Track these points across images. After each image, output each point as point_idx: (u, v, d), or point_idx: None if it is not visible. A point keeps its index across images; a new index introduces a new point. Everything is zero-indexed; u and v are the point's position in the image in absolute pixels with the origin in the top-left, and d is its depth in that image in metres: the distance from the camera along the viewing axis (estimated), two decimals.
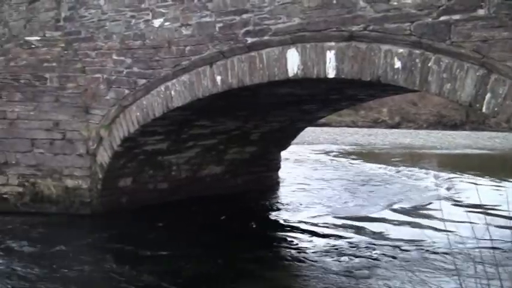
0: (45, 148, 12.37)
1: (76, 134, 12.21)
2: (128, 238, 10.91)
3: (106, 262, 9.51)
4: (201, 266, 9.36)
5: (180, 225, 11.80)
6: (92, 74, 12.10)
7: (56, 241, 10.48)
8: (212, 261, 9.55)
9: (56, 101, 12.36)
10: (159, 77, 10.57)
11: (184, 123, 11.60)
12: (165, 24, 10.52)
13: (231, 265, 9.40)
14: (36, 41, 12.93)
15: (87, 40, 12.24)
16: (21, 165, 12.52)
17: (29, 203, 12.48)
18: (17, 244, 10.37)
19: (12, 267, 9.14)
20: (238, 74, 9.26)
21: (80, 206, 12.30)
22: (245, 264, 9.46)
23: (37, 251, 10.05)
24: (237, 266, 9.39)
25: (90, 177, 12.23)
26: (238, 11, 9.25)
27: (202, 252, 9.98)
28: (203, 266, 9.33)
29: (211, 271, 9.14)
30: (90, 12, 12.15)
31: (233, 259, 9.66)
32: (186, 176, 13.54)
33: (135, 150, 12.02)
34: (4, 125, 12.57)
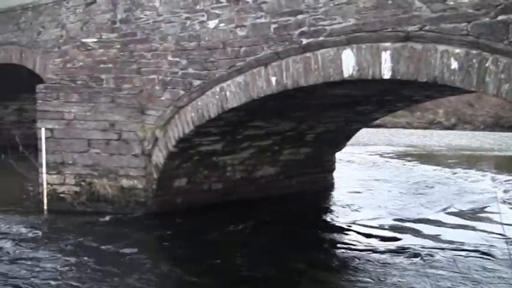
0: (101, 148, 12.76)
1: (132, 135, 12.56)
2: (182, 238, 11.22)
3: (160, 262, 9.81)
4: (256, 267, 9.56)
5: (235, 226, 11.98)
6: (147, 75, 12.45)
7: (112, 240, 10.83)
8: (267, 262, 9.72)
9: (112, 101, 12.74)
10: (214, 78, 10.79)
11: (239, 124, 11.78)
12: (220, 25, 10.73)
13: (286, 267, 9.54)
14: (92, 42, 13.35)
15: (142, 41, 12.59)
16: (78, 165, 12.93)
17: (86, 202, 12.87)
18: (74, 243, 10.75)
19: (67, 265, 9.51)
20: (293, 75, 9.38)
21: (135, 206, 12.64)
22: (300, 266, 9.60)
23: (93, 250, 10.40)
24: (292, 267, 9.53)
25: (145, 178, 12.57)
26: (293, 11, 9.35)
27: (256, 254, 10.17)
28: (257, 268, 9.52)
29: (266, 273, 9.31)
30: (146, 14, 12.49)
31: (288, 261, 9.80)
32: (240, 176, 13.72)
33: (190, 151, 12.26)
34: (61, 125, 12.99)
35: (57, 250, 10.32)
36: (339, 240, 11.55)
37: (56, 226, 11.94)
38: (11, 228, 11.67)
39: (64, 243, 10.73)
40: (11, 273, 9.12)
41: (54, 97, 13.07)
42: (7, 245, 10.54)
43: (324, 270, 9.62)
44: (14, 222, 12.08)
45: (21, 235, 11.24)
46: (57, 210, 12.81)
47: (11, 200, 13.82)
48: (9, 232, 11.41)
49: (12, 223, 11.99)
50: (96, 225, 11.99)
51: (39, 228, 11.72)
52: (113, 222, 12.14)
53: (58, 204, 12.99)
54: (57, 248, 10.46)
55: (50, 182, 13.05)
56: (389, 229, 12.13)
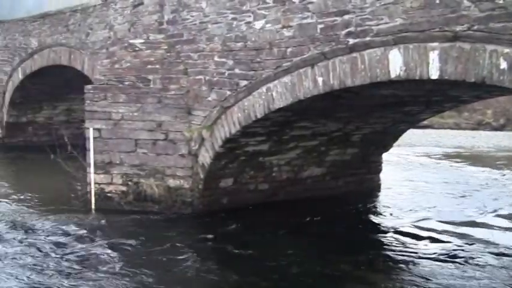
0: (148, 148, 12.98)
1: (178, 135, 12.75)
2: (228, 238, 11.30)
3: (206, 262, 9.89)
4: (301, 268, 9.63)
5: (281, 226, 12.05)
6: (194, 76, 12.64)
7: (158, 240, 11.01)
8: (313, 263, 9.81)
9: (159, 102, 12.95)
10: (261, 78, 10.91)
11: (285, 124, 11.87)
12: (267, 26, 10.84)
13: (332, 268, 9.60)
14: (140, 43, 13.60)
15: (189, 42, 12.79)
16: (125, 165, 13.17)
17: (133, 201, 13.09)
18: (121, 242, 10.94)
19: (115, 265, 9.72)
20: (339, 75, 9.44)
21: (182, 206, 12.83)
22: (347, 268, 9.66)
23: (139, 249, 10.59)
24: (338, 268, 9.59)
25: (191, 178, 12.75)
26: (340, 12, 9.40)
27: (302, 255, 10.22)
28: (303, 268, 9.60)
29: (312, 273, 9.40)
30: (192, 14, 12.68)
31: (334, 262, 9.85)
32: (286, 177, 13.80)
33: (237, 151, 12.39)
34: (109, 125, 13.24)
35: (103, 248, 10.56)
36: (385, 241, 11.56)
37: (103, 225, 12.15)
38: (59, 226, 11.94)
39: (110, 242, 10.95)
40: (57, 269, 9.41)
41: (102, 97, 13.34)
42: (56, 243, 10.83)
43: (371, 272, 9.62)
44: (62, 220, 12.35)
45: (69, 233, 11.50)
46: (104, 209, 13.05)
47: (59, 199, 14.15)
48: (58, 230, 11.68)
49: (61, 222, 12.27)
50: (142, 224, 12.19)
51: (86, 227, 11.95)
52: (159, 222, 12.34)
53: (105, 203, 13.24)
54: (103, 246, 10.69)
55: (97, 181, 13.32)
56: (437, 231, 12.07)
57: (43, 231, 11.61)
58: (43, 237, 11.18)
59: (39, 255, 10.10)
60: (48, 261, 9.78)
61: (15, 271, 9.31)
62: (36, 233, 11.49)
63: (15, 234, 11.35)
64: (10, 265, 9.59)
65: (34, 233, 11.50)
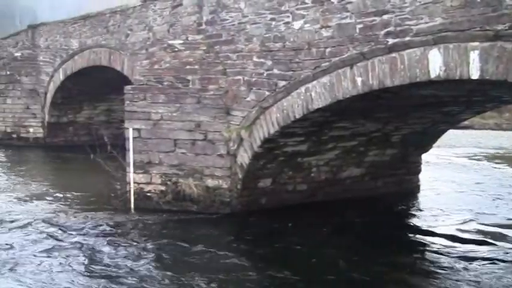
0: (187, 148, 13.11)
1: (217, 135, 12.87)
2: (267, 239, 11.41)
3: (244, 262, 9.98)
4: (341, 270, 9.65)
5: (319, 228, 12.07)
6: (232, 76, 12.74)
7: (197, 240, 11.14)
8: (351, 264, 9.81)
9: (197, 102, 13.07)
10: (299, 78, 10.95)
11: (324, 124, 11.88)
12: (305, 26, 10.87)
13: (371, 269, 9.60)
14: (179, 44, 13.73)
15: (228, 43, 12.90)
16: (164, 165, 13.32)
17: (171, 201, 13.22)
18: (159, 241, 11.10)
19: (151, 263, 9.87)
20: (378, 76, 9.43)
21: (220, 206, 12.93)
22: (385, 269, 9.65)
23: (178, 249, 10.72)
24: (376, 270, 9.58)
25: (230, 178, 12.85)
26: (379, 11, 9.39)
27: (340, 257, 10.21)
28: (342, 270, 9.62)
29: (350, 274, 9.42)
30: (231, 15, 12.79)
31: (372, 263, 9.85)
32: (325, 177, 13.80)
33: (275, 152, 12.44)
34: (148, 125, 13.40)
35: (143, 248, 10.71)
36: (424, 243, 11.48)
37: (142, 224, 12.31)
38: (99, 225, 12.17)
39: (150, 241, 11.11)
40: (98, 268, 9.57)
41: (142, 98, 13.51)
42: (96, 242, 11.03)
43: (410, 273, 9.59)
44: (102, 219, 12.58)
45: (109, 232, 11.73)
46: (143, 208, 13.23)
47: (99, 198, 14.38)
48: (98, 229, 11.91)
49: (101, 220, 12.50)
50: (181, 224, 12.32)
51: (126, 226, 12.18)
52: (198, 222, 12.44)
53: (144, 202, 13.41)
54: (143, 245, 10.85)
55: (136, 181, 13.50)
56: (477, 233, 11.98)
57: (83, 230, 11.83)
58: (83, 236, 11.39)
59: (80, 254, 10.29)
60: (88, 261, 9.97)
61: (56, 270, 9.52)
62: (76, 231, 11.70)
63: (57, 233, 11.57)
64: (51, 264, 9.79)
65: (75, 231, 11.71)
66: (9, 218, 12.66)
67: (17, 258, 9.97)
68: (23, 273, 9.30)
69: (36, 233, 11.57)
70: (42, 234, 11.46)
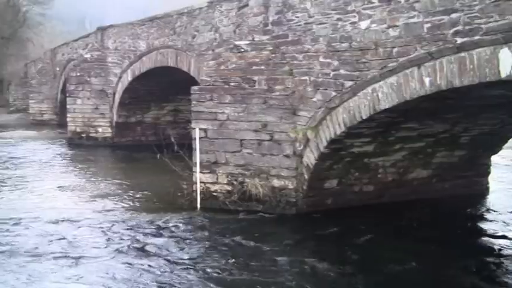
0: (253, 148, 13.25)
1: (283, 135, 12.96)
2: (332, 239, 11.45)
3: (309, 263, 10.03)
4: (405, 271, 9.64)
5: (386, 229, 12.03)
6: (299, 77, 12.81)
7: (263, 240, 11.26)
8: (417, 267, 9.79)
9: (264, 102, 13.19)
10: (366, 79, 10.93)
11: (391, 125, 11.83)
12: (372, 26, 10.84)
13: (438, 273, 9.54)
14: (245, 45, 13.87)
15: (294, 43, 12.97)
16: (230, 165, 13.49)
17: (237, 201, 13.36)
18: (225, 241, 11.28)
19: (218, 263, 9.98)
20: (447, 76, 9.33)
21: (286, 206, 13.02)
22: (452, 272, 9.59)
23: (244, 248, 10.87)
24: (443, 273, 9.52)
25: (296, 178, 12.93)
26: (447, 10, 9.28)
27: (407, 259, 10.16)
28: (406, 272, 9.60)
29: (415, 277, 9.41)
30: (297, 15, 12.86)
31: (440, 266, 9.79)
32: (392, 179, 13.73)
33: (341, 152, 12.45)
34: (215, 126, 13.60)
35: (209, 247, 10.90)
36: (494, 247, 11.29)
37: (208, 224, 12.52)
38: (166, 224, 12.44)
39: (216, 240, 11.30)
40: (164, 267, 9.77)
41: (208, 98, 13.70)
42: (163, 241, 11.30)
43: (479, 278, 9.49)
44: (169, 218, 12.85)
45: (176, 231, 11.98)
46: (209, 208, 13.44)
47: (166, 197, 14.66)
48: (165, 228, 12.17)
49: (168, 219, 12.76)
50: (247, 224, 12.46)
51: (192, 225, 12.43)
52: (263, 222, 12.58)
53: (211, 202, 13.61)
54: (209, 245, 11.04)
55: (203, 180, 13.71)
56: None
57: (151, 229, 12.13)
58: (151, 235, 11.67)
59: (147, 253, 10.57)
60: (154, 259, 10.21)
61: (123, 268, 9.79)
62: (144, 230, 12.00)
63: (124, 232, 11.90)
64: (118, 262, 10.08)
65: (143, 230, 12.02)
66: (79, 217, 13.04)
67: (85, 257, 10.30)
68: (92, 271, 9.62)
69: (104, 231, 11.93)
70: (110, 233, 11.82)
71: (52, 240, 11.22)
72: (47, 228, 12.11)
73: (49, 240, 11.26)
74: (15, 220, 12.69)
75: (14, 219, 12.73)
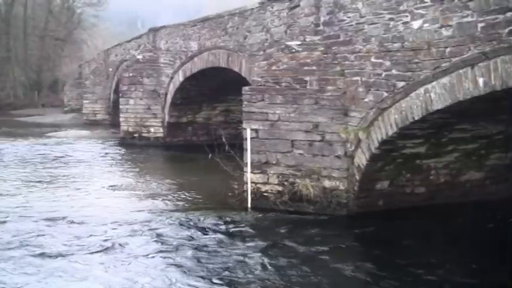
0: (305, 149, 13.26)
1: (335, 136, 12.95)
2: (384, 242, 11.37)
3: (360, 265, 10.03)
4: (457, 276, 9.54)
5: (439, 232, 11.90)
6: (350, 77, 12.78)
7: (313, 241, 11.30)
8: (470, 272, 9.68)
9: (315, 103, 13.19)
10: (418, 79, 10.85)
11: (443, 126, 11.70)
12: (424, 25, 10.75)
13: (490, 279, 9.40)
14: (296, 45, 13.88)
15: (345, 43, 12.95)
16: (281, 165, 13.53)
17: (288, 201, 13.38)
18: (276, 241, 11.34)
19: (267, 263, 10.04)
20: (501, 76, 9.17)
21: (337, 207, 13.00)
22: (504, 279, 9.41)
23: (294, 249, 10.87)
24: (496, 280, 9.38)
25: (347, 179, 12.90)
26: (502, 9, 9.13)
27: (458, 262, 10.10)
28: (458, 277, 9.51)
29: (467, 283, 9.33)
30: (349, 16, 12.84)
31: (493, 273, 9.63)
32: (444, 180, 13.56)
33: (393, 153, 12.38)
34: (266, 126, 13.66)
35: (259, 247, 10.97)
36: None
37: (259, 224, 12.61)
38: (218, 224, 12.56)
39: (266, 241, 11.36)
40: (215, 267, 9.88)
41: (259, 99, 13.77)
42: (214, 240, 11.41)
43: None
44: (220, 218, 12.96)
45: (227, 231, 12.08)
46: (260, 208, 13.51)
47: (217, 197, 14.78)
48: (217, 228, 12.28)
49: (219, 219, 12.88)
50: (297, 224, 12.47)
51: (243, 225, 12.51)
52: (314, 223, 12.57)
53: (261, 202, 13.67)
54: (260, 245, 11.11)
55: (254, 180, 13.78)
56: None
57: (202, 228, 12.27)
58: (202, 234, 11.81)
59: (198, 252, 10.67)
60: (205, 258, 10.33)
61: (173, 267, 9.93)
62: (196, 230, 12.14)
63: (175, 231, 12.06)
64: (169, 261, 10.21)
65: (194, 230, 12.16)
66: (130, 216, 13.25)
67: (136, 256, 10.47)
68: (144, 270, 9.77)
69: (155, 231, 12.07)
70: (160, 232, 11.95)
71: (103, 240, 11.41)
72: (99, 227, 12.32)
73: (101, 239, 11.45)
74: (68, 219, 12.93)
75: (67, 218, 12.98)
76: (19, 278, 9.36)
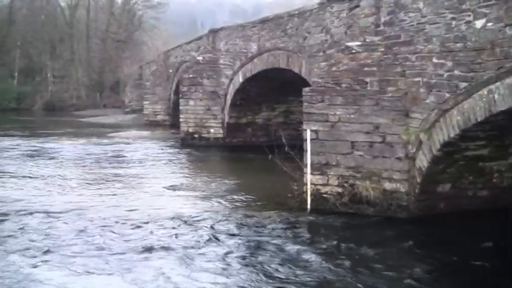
0: (365, 151, 13.20)
1: (395, 138, 12.85)
2: (446, 245, 11.19)
3: (421, 269, 9.89)
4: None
5: (502, 235, 11.67)
6: (411, 78, 12.67)
7: (373, 243, 11.21)
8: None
9: (375, 104, 13.12)
10: (482, 80, 10.67)
11: (507, 128, 11.48)
12: (488, 25, 10.56)
13: None
14: (356, 46, 13.83)
15: (406, 44, 12.83)
16: (341, 167, 13.50)
17: (347, 203, 13.36)
18: (335, 244, 11.28)
19: (325, 266, 10.00)
20: None
21: (397, 209, 12.90)
22: None
23: (353, 251, 10.83)
24: None
25: (408, 181, 12.79)
26: None
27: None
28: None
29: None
30: (409, 15, 12.72)
31: None
32: (508, 184, 13.30)
33: (455, 156, 12.20)
34: (326, 127, 13.64)
35: (320, 249, 10.95)
36: None
37: (318, 226, 12.60)
38: (276, 225, 12.59)
39: (326, 243, 11.34)
40: (275, 268, 9.90)
41: (319, 100, 13.76)
42: (274, 242, 11.41)
43: None
44: (279, 219, 13.00)
45: (287, 232, 12.08)
46: (319, 209, 13.50)
47: (276, 198, 14.84)
48: (276, 229, 12.31)
49: (279, 220, 12.92)
50: (357, 227, 12.45)
51: (302, 227, 12.52)
52: (374, 225, 12.52)
53: (320, 204, 13.66)
54: (320, 247, 11.10)
55: (313, 182, 13.77)
56: None
57: (262, 229, 12.31)
58: (262, 236, 11.84)
59: (262, 253, 10.74)
60: (266, 260, 10.36)
61: (235, 267, 10.01)
62: (256, 230, 12.21)
63: (235, 231, 12.17)
64: (230, 262, 10.29)
65: (254, 230, 12.24)
66: (190, 216, 13.36)
67: (196, 255, 10.60)
68: (204, 270, 9.89)
69: (214, 230, 12.20)
70: (219, 232, 12.07)
71: (162, 239, 11.55)
72: (158, 227, 12.49)
73: (158, 239, 11.60)
74: (128, 218, 13.15)
75: (126, 218, 13.21)
76: (84, 279, 9.60)
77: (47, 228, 12.33)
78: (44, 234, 11.90)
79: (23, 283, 9.28)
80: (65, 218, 13.20)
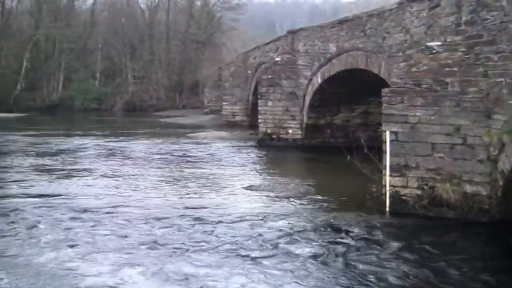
0: (445, 152, 13.03)
1: (477, 139, 12.64)
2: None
3: (503, 276, 9.70)
4: None
5: None
6: (494, 78, 12.42)
7: (454, 248, 11.10)
8: None
9: (456, 105, 12.92)
10: None
11: None
12: None
13: None
14: (436, 46, 13.66)
15: (488, 43, 12.59)
16: (421, 169, 13.36)
17: (427, 206, 13.21)
18: (414, 248, 11.14)
19: (404, 271, 9.90)
20: None
21: (478, 213, 12.67)
22: None
23: (434, 256, 10.68)
24: None
25: (490, 184, 12.54)
26: None
27: None
28: None
29: None
30: (492, 14, 12.48)
31: None
32: None
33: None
34: (405, 128, 13.52)
35: (399, 252, 10.86)
36: None
37: (398, 228, 12.50)
38: (356, 227, 12.54)
39: (406, 246, 11.22)
40: (354, 271, 9.89)
41: (399, 101, 13.66)
42: (353, 244, 11.40)
43: None
44: (356, 221, 12.97)
45: (365, 235, 12.03)
46: (398, 212, 13.39)
47: (355, 199, 14.78)
48: (354, 231, 12.28)
49: (357, 222, 12.87)
50: (437, 230, 12.27)
51: (380, 230, 12.43)
52: (454, 228, 12.31)
53: (399, 206, 13.56)
54: (399, 250, 11.00)
55: (392, 184, 13.68)
56: None
57: (340, 231, 12.31)
58: (340, 238, 11.84)
59: (337, 256, 10.70)
60: (345, 263, 10.34)
61: (316, 270, 10.03)
62: (333, 232, 12.24)
63: (313, 233, 12.17)
64: (312, 264, 10.31)
65: (333, 232, 12.26)
66: (266, 217, 13.47)
67: (272, 256, 10.66)
68: (280, 272, 9.91)
69: (292, 231, 12.23)
70: (298, 233, 12.10)
71: (236, 240, 11.67)
72: (233, 226, 12.66)
73: (238, 238, 11.75)
74: (205, 217, 13.39)
75: (204, 216, 13.43)
76: (153, 281, 9.79)
77: (150, 228, 12.63)
78: (145, 232, 12.27)
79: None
80: (157, 214, 13.70)
